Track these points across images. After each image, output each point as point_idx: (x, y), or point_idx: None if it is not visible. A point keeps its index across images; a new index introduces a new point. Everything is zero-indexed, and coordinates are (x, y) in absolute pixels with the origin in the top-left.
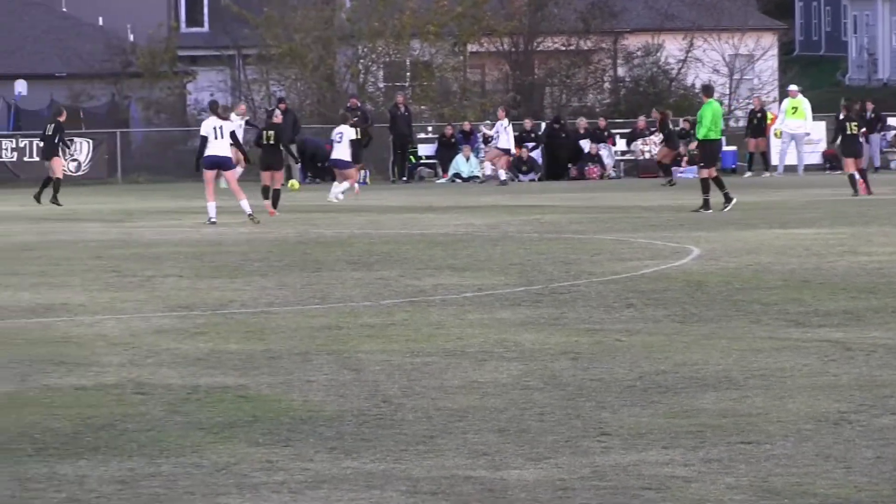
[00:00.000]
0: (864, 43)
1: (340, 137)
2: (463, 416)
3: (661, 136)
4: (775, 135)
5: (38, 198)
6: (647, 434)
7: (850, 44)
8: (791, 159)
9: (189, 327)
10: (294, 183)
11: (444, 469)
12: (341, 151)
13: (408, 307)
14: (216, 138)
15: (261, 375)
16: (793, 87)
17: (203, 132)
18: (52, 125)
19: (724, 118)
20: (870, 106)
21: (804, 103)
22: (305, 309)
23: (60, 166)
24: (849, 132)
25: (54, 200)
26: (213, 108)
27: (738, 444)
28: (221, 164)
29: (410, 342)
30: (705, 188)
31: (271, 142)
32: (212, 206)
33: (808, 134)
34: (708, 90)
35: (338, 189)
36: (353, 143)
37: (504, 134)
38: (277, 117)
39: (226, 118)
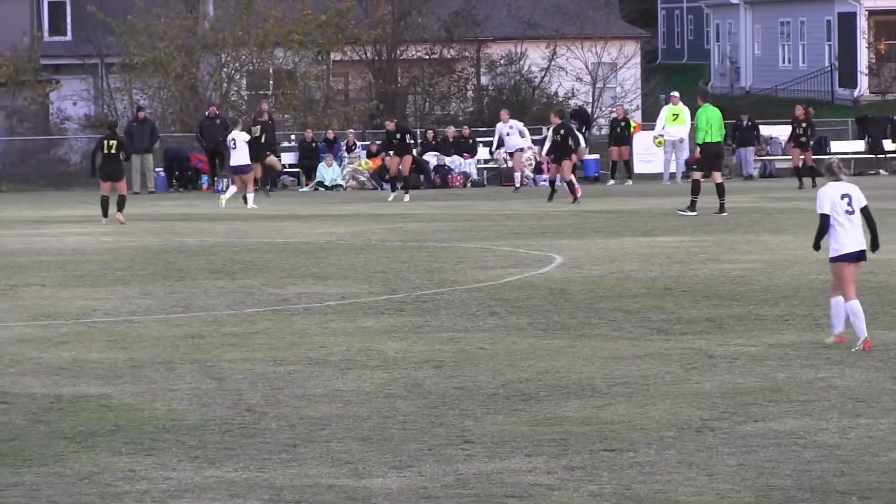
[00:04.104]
0: (726, 51)
1: (234, 143)
2: (326, 424)
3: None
4: (657, 143)
5: None
6: (511, 442)
7: (712, 52)
8: (671, 167)
9: (52, 336)
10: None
11: (307, 477)
12: (240, 157)
13: (271, 316)
14: None
15: (124, 384)
16: (675, 94)
17: None
18: None
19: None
20: (744, 117)
21: (685, 110)
22: (169, 318)
23: None
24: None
25: None
26: None
27: (600, 452)
28: None
29: (273, 351)
30: (695, 189)
31: (112, 151)
32: None
33: (682, 140)
34: (705, 95)
35: (228, 195)
36: (252, 144)
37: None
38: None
39: None
